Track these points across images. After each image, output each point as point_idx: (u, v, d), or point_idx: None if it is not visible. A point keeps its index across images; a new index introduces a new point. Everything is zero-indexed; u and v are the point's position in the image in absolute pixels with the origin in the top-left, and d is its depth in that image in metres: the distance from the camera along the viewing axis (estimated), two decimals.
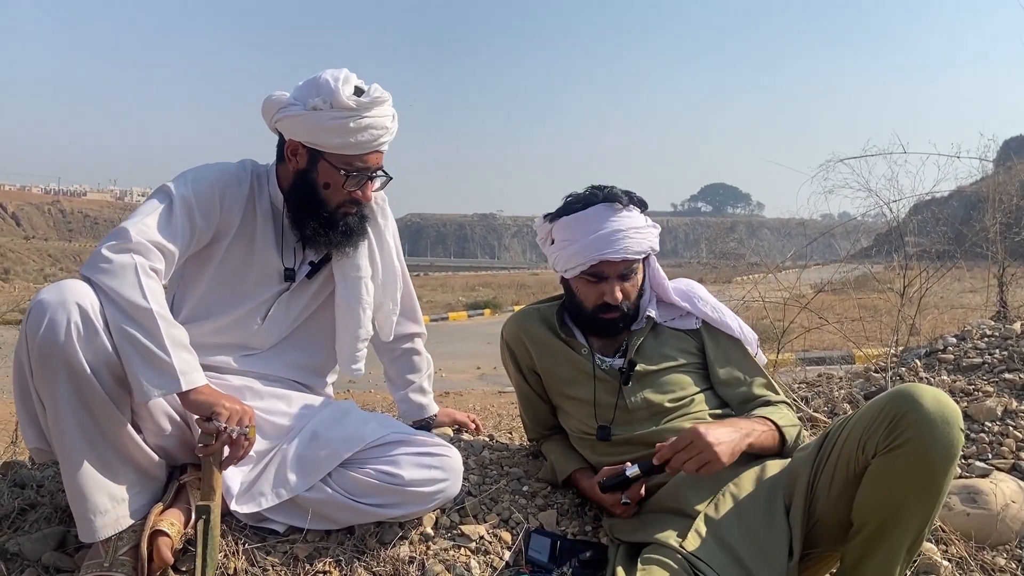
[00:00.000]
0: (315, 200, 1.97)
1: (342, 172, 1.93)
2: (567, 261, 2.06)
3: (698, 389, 2.06)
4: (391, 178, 2.07)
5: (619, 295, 2.03)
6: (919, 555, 1.98)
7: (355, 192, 1.97)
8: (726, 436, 1.75)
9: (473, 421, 2.66)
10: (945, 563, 2.04)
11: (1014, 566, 2.09)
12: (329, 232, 2.00)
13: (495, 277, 46.06)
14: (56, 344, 1.56)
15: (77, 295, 1.60)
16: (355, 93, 1.91)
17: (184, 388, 1.63)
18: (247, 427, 1.68)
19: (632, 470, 1.82)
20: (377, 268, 2.17)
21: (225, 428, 1.64)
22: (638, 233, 2.03)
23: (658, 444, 1.79)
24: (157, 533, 1.66)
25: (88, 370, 1.59)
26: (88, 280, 1.65)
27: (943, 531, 2.15)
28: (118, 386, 1.65)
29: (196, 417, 1.69)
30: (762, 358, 2.22)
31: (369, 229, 2.12)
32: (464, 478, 2.01)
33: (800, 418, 2.06)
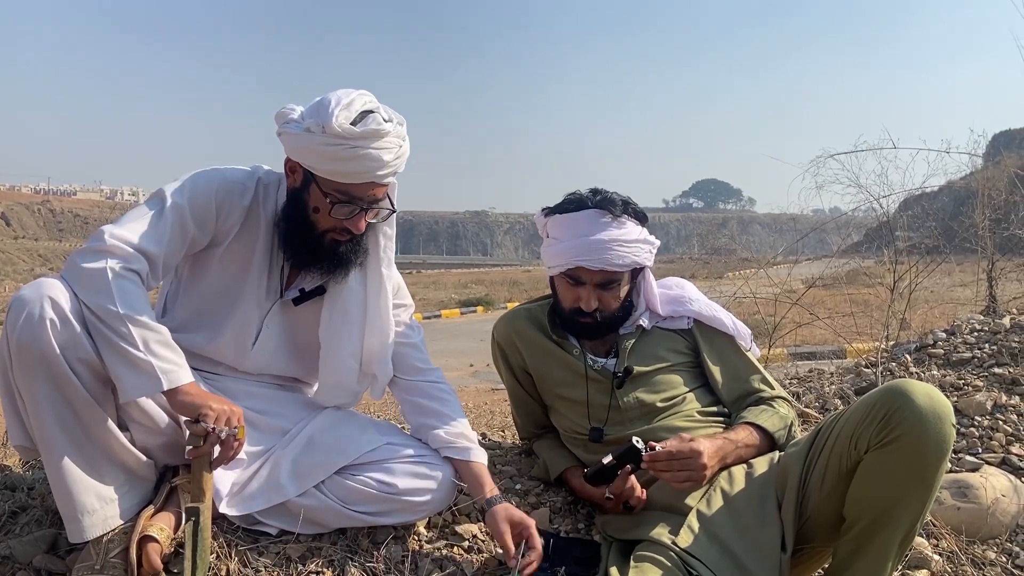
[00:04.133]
0: (305, 222, 1.87)
1: (328, 200, 1.82)
2: (551, 259, 2.07)
3: (688, 388, 2.06)
4: (394, 211, 1.94)
5: (593, 303, 2.03)
6: (910, 549, 1.99)
7: (345, 222, 1.85)
8: (714, 460, 1.79)
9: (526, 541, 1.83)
10: (936, 557, 2.05)
11: (1004, 560, 2.10)
12: (313, 257, 1.90)
13: (488, 274, 45.98)
14: (32, 338, 1.55)
15: (53, 291, 1.59)
16: (357, 120, 1.77)
17: (166, 387, 1.61)
18: (236, 428, 1.66)
19: (606, 458, 1.83)
20: (367, 319, 2.00)
21: (213, 429, 1.62)
22: (623, 247, 2.00)
23: (655, 444, 1.79)
24: (146, 539, 1.64)
25: (65, 364, 1.58)
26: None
27: (934, 525, 2.16)
28: (100, 384, 1.64)
29: (184, 419, 1.67)
30: (756, 351, 2.23)
31: (367, 281, 1.99)
32: (457, 477, 2.00)
33: None
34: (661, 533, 1.74)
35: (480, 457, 1.96)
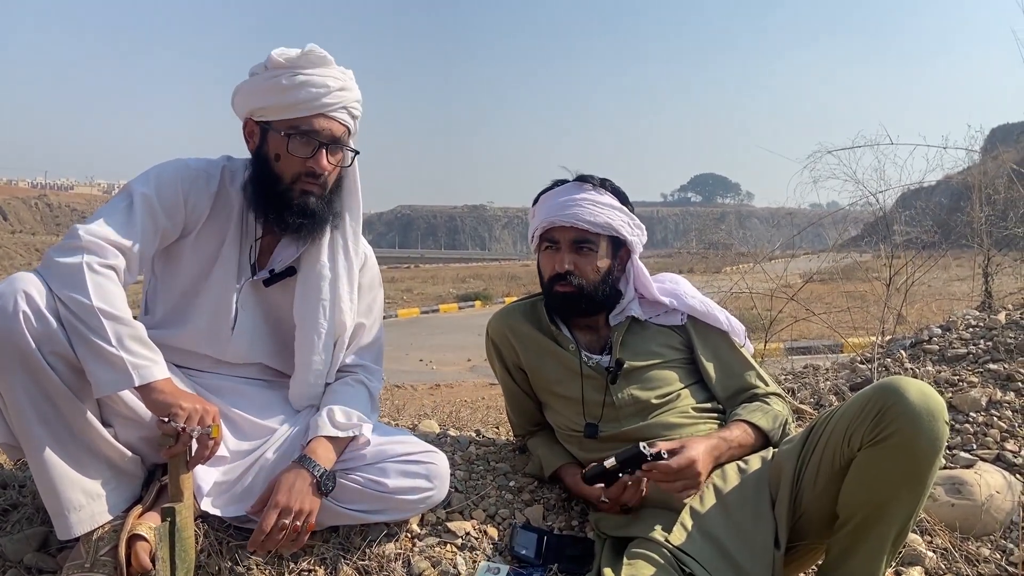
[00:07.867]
0: (270, 176, 1.87)
1: (283, 134, 1.82)
2: (531, 231, 2.13)
3: (683, 384, 2.06)
4: (356, 152, 1.95)
5: (568, 264, 2.04)
6: (904, 546, 1.99)
7: (308, 162, 1.84)
8: (708, 462, 1.79)
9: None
10: (930, 554, 2.05)
11: (998, 556, 2.09)
12: (284, 212, 1.87)
13: (485, 268, 45.87)
14: (6, 331, 1.54)
15: (27, 285, 1.58)
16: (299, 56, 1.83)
17: (137, 383, 1.60)
18: (209, 427, 1.63)
19: (609, 461, 1.82)
20: (339, 295, 1.99)
21: (184, 429, 1.60)
22: (594, 205, 2.04)
23: (657, 443, 1.79)
24: (135, 537, 1.64)
25: (41, 358, 1.57)
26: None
27: (928, 522, 2.16)
28: (77, 378, 1.63)
29: (156, 418, 1.65)
30: (749, 347, 2.23)
31: (337, 257, 1.98)
32: (450, 474, 2.00)
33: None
34: (655, 530, 1.74)
35: (326, 431, 1.83)
